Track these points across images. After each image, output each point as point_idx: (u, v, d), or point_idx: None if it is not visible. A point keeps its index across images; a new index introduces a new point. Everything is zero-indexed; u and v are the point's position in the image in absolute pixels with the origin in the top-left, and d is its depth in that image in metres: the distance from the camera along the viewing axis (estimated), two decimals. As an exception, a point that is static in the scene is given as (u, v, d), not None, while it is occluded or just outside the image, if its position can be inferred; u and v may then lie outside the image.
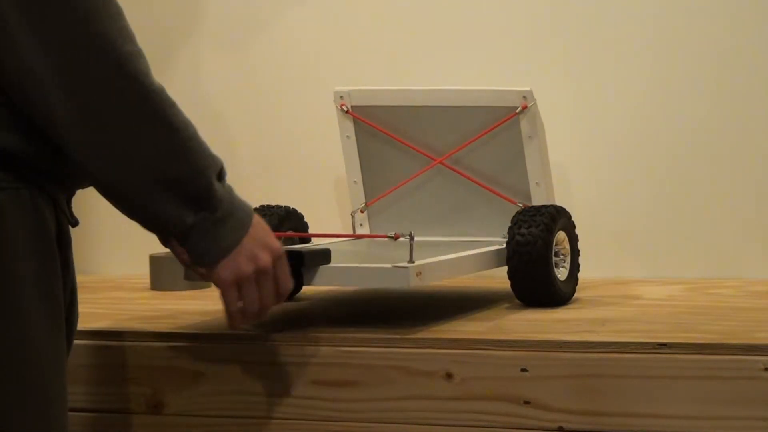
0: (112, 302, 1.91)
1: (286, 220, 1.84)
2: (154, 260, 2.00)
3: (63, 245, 1.37)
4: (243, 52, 2.19)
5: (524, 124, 1.83)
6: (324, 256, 1.60)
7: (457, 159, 1.89)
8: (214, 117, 2.20)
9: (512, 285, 1.72)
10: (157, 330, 1.66)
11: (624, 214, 2.04)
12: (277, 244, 1.44)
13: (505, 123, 1.84)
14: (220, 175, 1.39)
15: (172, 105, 1.33)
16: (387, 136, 1.91)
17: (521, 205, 1.81)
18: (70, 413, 1.50)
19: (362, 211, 1.96)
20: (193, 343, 1.63)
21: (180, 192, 1.35)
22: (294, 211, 1.86)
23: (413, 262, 1.56)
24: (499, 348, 1.53)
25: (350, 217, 1.95)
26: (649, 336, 1.52)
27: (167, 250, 1.97)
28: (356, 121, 1.92)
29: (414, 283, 1.56)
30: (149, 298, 1.94)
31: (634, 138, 2.03)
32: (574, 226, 1.80)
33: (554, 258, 1.73)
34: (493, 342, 1.54)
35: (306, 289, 1.88)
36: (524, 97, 1.82)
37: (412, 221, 1.92)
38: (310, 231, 1.88)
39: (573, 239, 1.79)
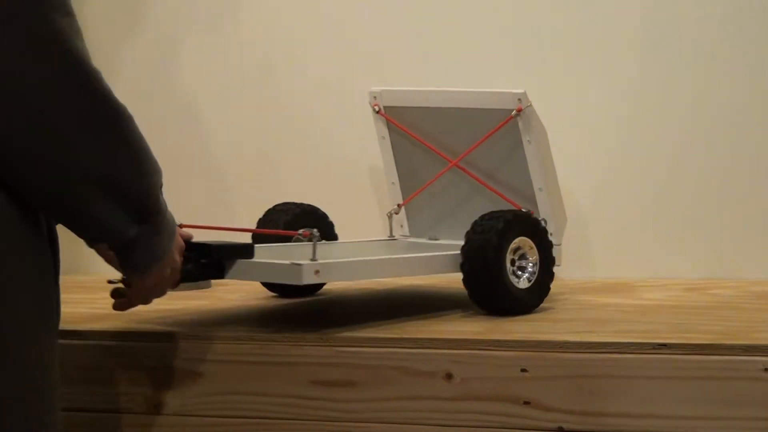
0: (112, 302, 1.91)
1: (303, 218, 1.84)
2: (154, 260, 2.00)
3: (54, 245, 1.37)
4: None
5: (522, 128, 1.82)
6: (245, 250, 1.62)
7: (472, 162, 1.87)
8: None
9: (468, 292, 1.70)
10: (157, 330, 1.66)
11: (624, 215, 2.04)
12: (182, 242, 1.51)
13: (506, 126, 1.82)
14: (160, 188, 1.40)
15: (131, 120, 1.33)
16: (412, 137, 1.90)
17: (525, 210, 1.79)
18: (71, 413, 1.51)
19: (396, 213, 1.94)
20: (193, 343, 1.63)
21: (129, 206, 1.35)
22: (313, 209, 1.86)
23: (315, 260, 1.58)
24: (498, 348, 1.53)
25: (387, 218, 1.93)
26: (649, 336, 1.52)
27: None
28: (388, 122, 1.91)
29: (309, 281, 1.57)
30: (149, 298, 1.94)
31: (634, 138, 2.03)
32: (544, 232, 1.74)
33: (520, 264, 1.70)
34: (493, 342, 1.54)
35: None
36: (519, 99, 1.80)
37: (443, 223, 1.91)
38: (337, 230, 1.90)
39: (543, 246, 1.73)
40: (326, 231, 1.88)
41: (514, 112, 1.80)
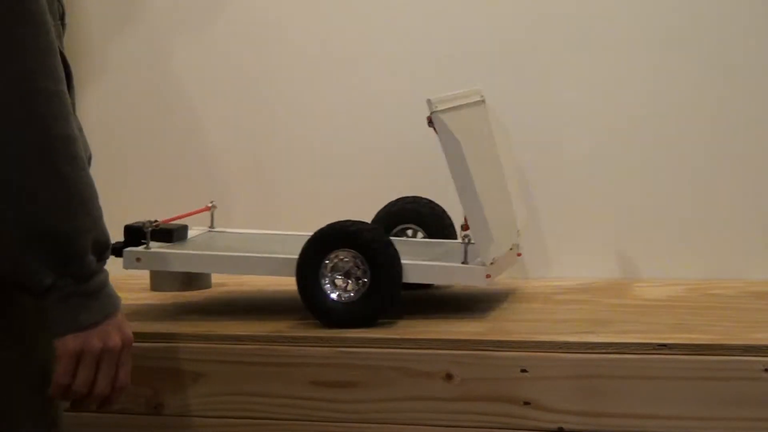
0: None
1: (412, 214, 1.87)
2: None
3: None
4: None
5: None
6: (167, 234, 1.79)
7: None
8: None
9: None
10: (157, 330, 1.66)
11: (624, 215, 2.04)
12: (131, 334, 1.37)
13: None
14: (100, 252, 1.31)
15: (72, 159, 1.25)
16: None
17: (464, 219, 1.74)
18: (71, 414, 1.51)
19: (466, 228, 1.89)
20: (193, 343, 1.63)
21: (47, 249, 1.26)
22: (431, 205, 1.88)
23: (149, 249, 1.75)
24: (499, 349, 1.53)
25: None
26: (649, 336, 1.52)
27: (167, 250, 1.98)
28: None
29: (131, 267, 1.74)
30: (149, 299, 1.94)
31: (633, 138, 2.03)
32: (374, 246, 1.65)
33: (349, 277, 1.67)
34: (493, 343, 1.54)
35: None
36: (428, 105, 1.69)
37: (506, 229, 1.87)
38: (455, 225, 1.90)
39: (373, 260, 1.65)
40: (437, 227, 1.89)
41: (426, 119, 1.69)
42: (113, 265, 1.41)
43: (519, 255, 1.88)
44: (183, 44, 2.18)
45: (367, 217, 1.89)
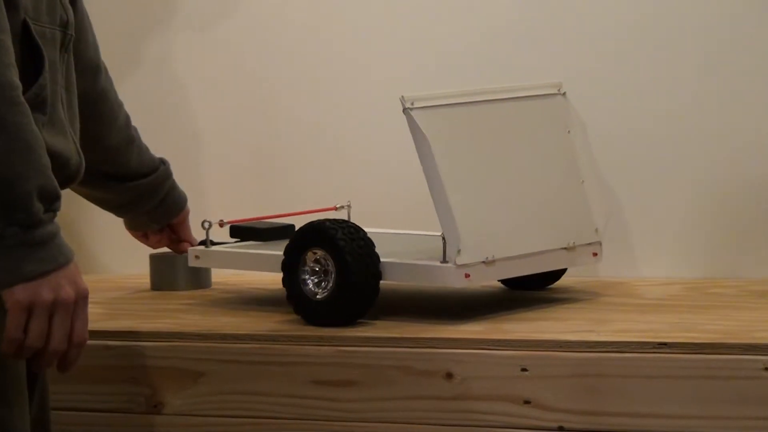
0: (112, 302, 1.91)
1: None
2: (154, 260, 2.00)
3: None
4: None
5: None
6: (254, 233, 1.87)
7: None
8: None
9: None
10: (157, 330, 1.67)
11: (624, 215, 2.04)
12: (85, 286, 1.33)
13: None
14: (50, 202, 1.28)
15: (13, 105, 1.24)
16: None
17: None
18: (71, 413, 1.51)
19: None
20: (193, 343, 1.63)
21: None
22: None
23: (208, 247, 1.85)
24: (499, 348, 1.53)
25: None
26: (649, 336, 1.52)
27: (167, 250, 1.99)
28: None
29: (193, 264, 1.86)
30: (149, 298, 1.94)
31: (632, 137, 2.03)
32: (340, 245, 1.64)
33: (323, 275, 1.67)
34: (493, 342, 1.54)
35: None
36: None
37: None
38: None
39: (338, 259, 1.65)
40: None
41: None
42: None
43: (595, 255, 1.85)
44: (187, 44, 2.18)
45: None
